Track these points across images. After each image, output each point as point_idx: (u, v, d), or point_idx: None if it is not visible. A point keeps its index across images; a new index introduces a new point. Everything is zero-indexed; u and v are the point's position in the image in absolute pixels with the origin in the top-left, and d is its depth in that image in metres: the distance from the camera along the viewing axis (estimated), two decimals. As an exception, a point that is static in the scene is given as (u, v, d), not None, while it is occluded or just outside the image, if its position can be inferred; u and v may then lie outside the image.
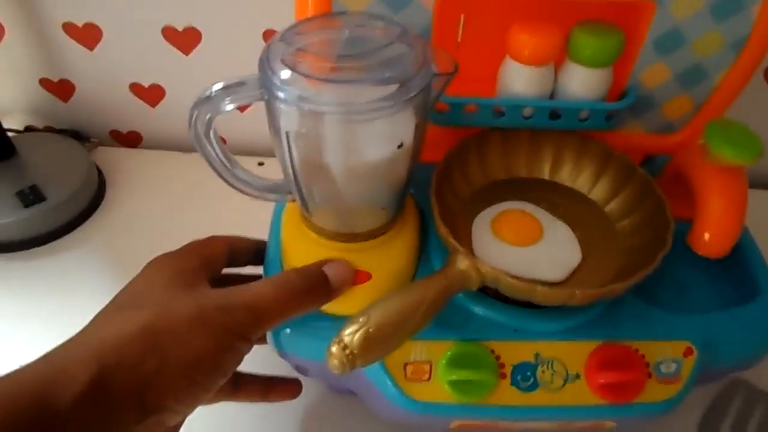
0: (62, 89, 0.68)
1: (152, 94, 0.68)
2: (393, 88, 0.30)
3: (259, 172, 0.37)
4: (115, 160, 0.69)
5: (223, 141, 0.37)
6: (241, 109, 0.66)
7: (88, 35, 0.63)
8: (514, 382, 0.36)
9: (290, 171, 0.34)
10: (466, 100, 0.41)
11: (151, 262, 0.36)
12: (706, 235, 0.39)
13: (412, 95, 0.30)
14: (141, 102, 0.68)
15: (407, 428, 0.43)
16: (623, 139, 0.44)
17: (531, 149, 0.44)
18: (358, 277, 0.37)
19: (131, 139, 0.73)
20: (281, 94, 0.30)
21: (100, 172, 0.67)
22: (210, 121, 0.33)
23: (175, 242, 0.38)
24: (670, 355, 0.37)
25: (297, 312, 0.34)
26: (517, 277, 0.34)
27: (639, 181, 0.41)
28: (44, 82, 0.68)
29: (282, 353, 0.39)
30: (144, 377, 0.29)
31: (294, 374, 0.43)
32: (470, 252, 0.37)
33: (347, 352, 0.31)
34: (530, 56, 0.39)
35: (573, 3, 0.38)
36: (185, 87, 0.64)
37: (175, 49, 0.63)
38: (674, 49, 0.40)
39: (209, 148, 0.34)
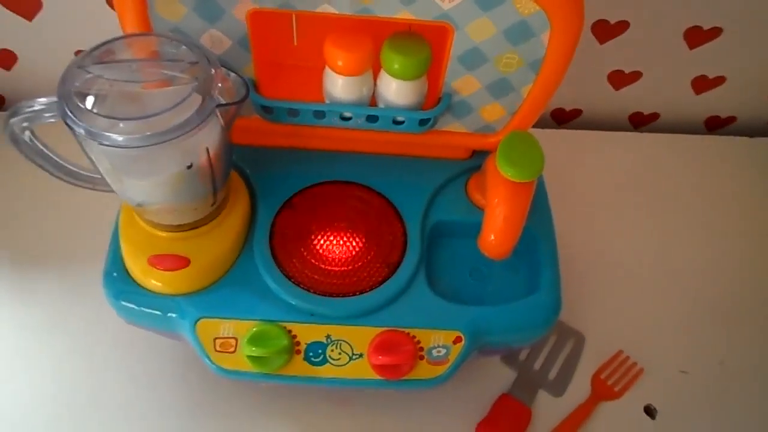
0: None
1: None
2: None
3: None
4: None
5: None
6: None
7: None
8: (307, 358, 0.43)
9: (101, 176, 0.39)
10: (289, 105, 0.45)
11: None
12: (491, 237, 0.43)
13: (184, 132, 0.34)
14: None
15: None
16: (447, 137, 0.48)
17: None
18: (177, 262, 0.43)
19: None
20: (75, 129, 0.34)
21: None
22: (24, 129, 0.37)
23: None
24: (441, 342, 0.43)
25: None
26: None
27: None
28: None
29: (128, 322, 0.46)
30: None
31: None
32: None
33: None
34: (343, 67, 0.42)
35: (383, 21, 0.40)
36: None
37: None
38: (478, 65, 0.43)
39: (23, 147, 0.39)
